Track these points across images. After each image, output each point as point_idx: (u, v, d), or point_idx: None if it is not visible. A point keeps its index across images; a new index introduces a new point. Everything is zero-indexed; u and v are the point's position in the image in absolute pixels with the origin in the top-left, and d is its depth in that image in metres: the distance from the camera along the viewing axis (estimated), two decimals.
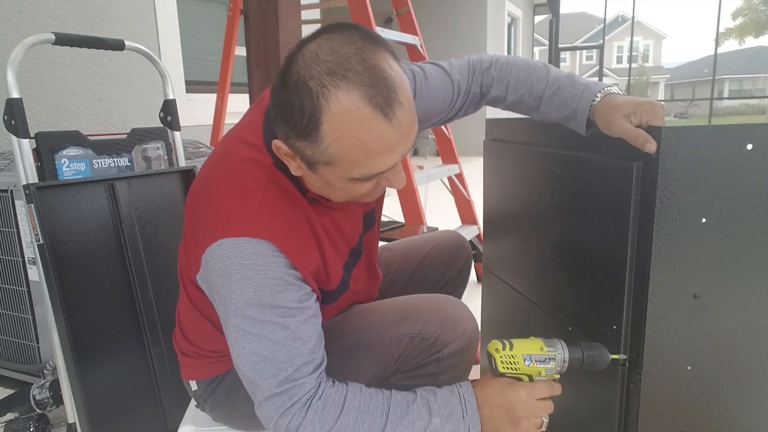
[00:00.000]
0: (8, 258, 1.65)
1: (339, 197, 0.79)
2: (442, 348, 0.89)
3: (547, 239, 1.16)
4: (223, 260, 0.74)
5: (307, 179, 0.79)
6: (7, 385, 1.76)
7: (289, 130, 0.69)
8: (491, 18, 9.39)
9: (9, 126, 1.23)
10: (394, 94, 0.67)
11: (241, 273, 0.74)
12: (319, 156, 0.69)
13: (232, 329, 0.76)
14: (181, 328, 0.98)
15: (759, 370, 0.96)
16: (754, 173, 0.86)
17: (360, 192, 0.76)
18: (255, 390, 0.77)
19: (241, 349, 0.75)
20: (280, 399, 0.75)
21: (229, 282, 0.74)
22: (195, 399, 1.00)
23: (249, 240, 0.74)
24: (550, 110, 0.98)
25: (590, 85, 0.93)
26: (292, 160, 0.74)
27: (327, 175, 0.73)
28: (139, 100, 3.18)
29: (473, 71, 1.02)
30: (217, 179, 0.80)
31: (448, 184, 2.89)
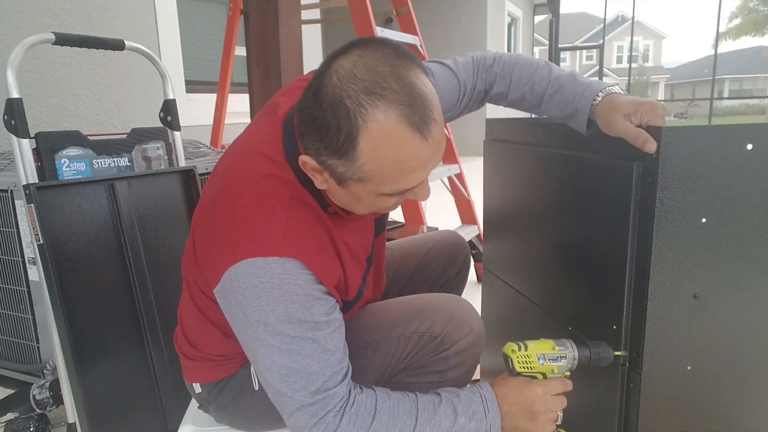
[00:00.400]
0: (8, 258, 1.65)
1: (363, 210, 0.80)
2: (449, 346, 0.90)
3: (547, 239, 1.16)
4: (251, 279, 0.74)
5: (332, 193, 0.79)
6: (7, 385, 1.76)
7: (322, 147, 0.69)
8: (491, 18, 9.39)
9: (9, 126, 1.23)
10: (429, 112, 0.68)
11: (271, 292, 0.74)
12: (352, 174, 0.70)
13: (261, 345, 0.76)
14: (184, 331, 0.98)
15: (759, 370, 0.96)
16: (754, 173, 0.86)
17: (386, 205, 0.78)
18: (285, 402, 0.78)
19: (270, 363, 0.76)
20: (312, 409, 0.76)
21: (258, 300, 0.74)
22: (198, 401, 1.00)
23: (277, 260, 0.73)
24: (552, 108, 0.98)
25: (592, 85, 0.93)
26: (318, 174, 0.74)
27: (357, 190, 0.74)
28: (139, 100, 3.18)
29: (477, 68, 1.03)
30: (240, 194, 0.78)
31: (448, 184, 2.89)
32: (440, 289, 1.25)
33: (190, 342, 0.96)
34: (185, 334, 0.97)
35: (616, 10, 37.65)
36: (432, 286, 1.24)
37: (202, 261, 0.84)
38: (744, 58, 31.57)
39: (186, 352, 0.98)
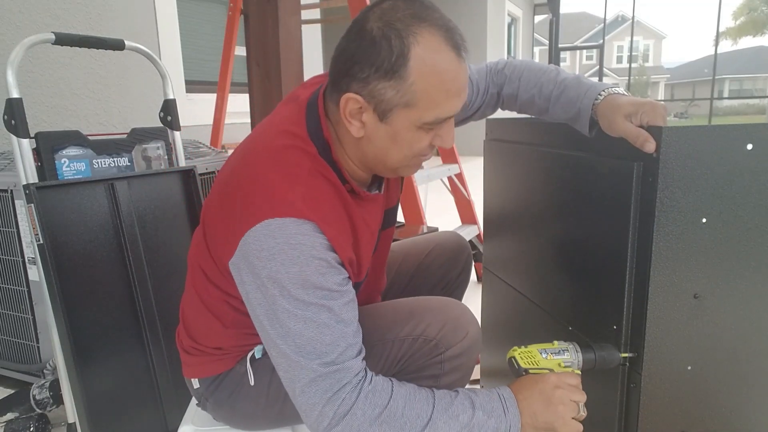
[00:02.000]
0: (8, 258, 1.65)
1: (397, 156, 0.81)
2: (444, 350, 0.89)
3: (548, 239, 1.16)
4: (267, 240, 0.74)
5: (369, 140, 0.80)
6: (7, 385, 1.76)
7: (372, 72, 0.73)
8: (491, 18, 9.39)
9: (9, 126, 1.23)
10: (463, 38, 0.76)
11: (287, 252, 0.74)
12: (400, 97, 0.74)
13: (277, 311, 0.75)
14: (185, 324, 0.98)
15: (759, 370, 0.96)
16: (754, 173, 0.86)
17: (420, 146, 0.80)
18: (297, 374, 0.75)
19: (285, 331, 0.75)
20: (327, 382, 0.74)
21: (273, 262, 0.74)
22: (197, 398, 1.00)
23: (294, 220, 0.74)
24: (558, 111, 1.01)
25: (594, 86, 0.95)
26: (357, 116, 0.77)
27: (399, 122, 0.76)
28: (139, 100, 3.18)
29: (489, 71, 1.08)
30: (262, 162, 0.80)
31: (448, 184, 2.89)
32: (441, 291, 1.25)
33: (190, 335, 0.97)
34: (185, 327, 0.98)
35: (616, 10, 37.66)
36: (432, 288, 1.24)
37: (216, 237, 0.84)
38: (744, 58, 31.56)
39: (185, 347, 0.98)
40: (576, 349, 0.87)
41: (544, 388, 0.81)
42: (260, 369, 0.93)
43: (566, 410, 0.80)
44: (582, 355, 0.87)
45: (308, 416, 0.76)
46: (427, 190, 3.58)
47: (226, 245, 0.80)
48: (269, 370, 0.92)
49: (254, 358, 0.93)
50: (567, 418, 0.80)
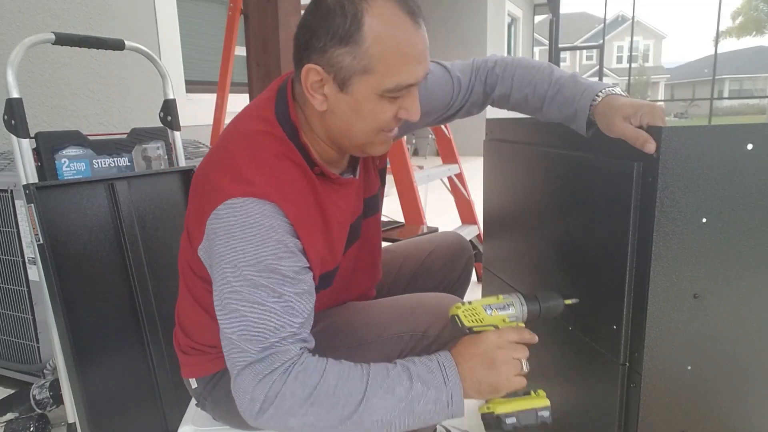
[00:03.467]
0: (8, 258, 1.65)
1: (363, 129, 0.80)
2: (442, 347, 0.89)
3: (547, 239, 1.16)
4: (228, 219, 0.74)
5: (332, 113, 0.79)
6: (7, 385, 1.76)
7: (328, 39, 0.73)
8: (491, 18, 9.39)
9: (9, 126, 1.23)
10: (418, 7, 0.76)
11: (244, 231, 0.73)
12: (358, 62, 0.73)
13: (227, 292, 0.74)
14: (180, 324, 0.98)
15: (759, 370, 0.96)
16: (754, 173, 0.86)
17: (385, 118, 0.78)
18: (238, 358, 0.74)
19: (232, 313, 0.74)
20: (259, 366, 0.72)
21: (231, 240, 0.74)
22: (195, 398, 1.00)
23: (256, 201, 0.74)
24: (553, 110, 0.99)
25: (592, 86, 0.93)
26: (319, 90, 0.77)
27: (360, 90, 0.75)
28: (139, 100, 3.18)
29: (477, 70, 1.05)
30: (232, 148, 0.81)
31: (448, 184, 2.89)
32: (443, 291, 1.24)
33: (186, 334, 0.97)
34: (181, 327, 0.98)
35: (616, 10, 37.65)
36: (434, 288, 1.23)
37: (191, 227, 0.85)
38: (744, 58, 31.56)
39: (182, 347, 0.98)
40: (521, 302, 0.84)
41: (486, 350, 0.78)
42: None
43: (509, 369, 0.79)
44: (527, 308, 0.84)
45: (241, 403, 0.74)
46: (427, 190, 3.58)
47: (198, 228, 0.81)
48: None
49: None
50: (510, 376, 0.79)
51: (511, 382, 0.79)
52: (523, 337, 0.82)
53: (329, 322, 0.94)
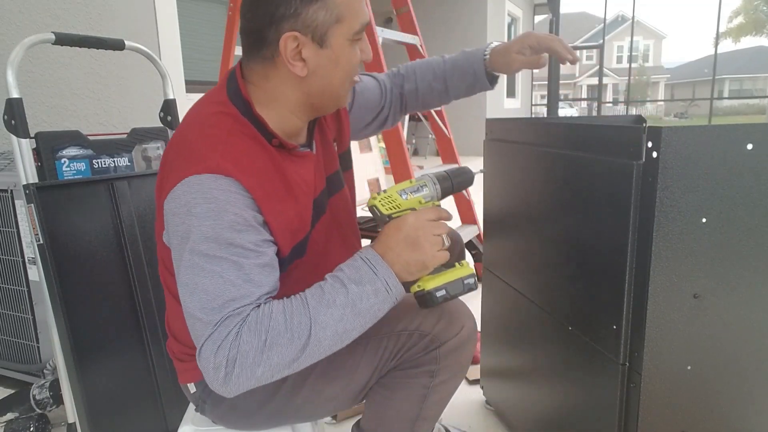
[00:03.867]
0: (8, 258, 1.65)
1: (342, 78, 0.85)
2: (439, 345, 0.90)
3: (547, 239, 1.16)
4: (185, 197, 0.75)
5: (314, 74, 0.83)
6: (7, 385, 1.76)
7: (298, 3, 0.78)
8: (491, 18, 9.38)
9: (9, 126, 1.23)
10: None
11: (202, 206, 0.74)
12: (330, 14, 0.79)
13: (187, 267, 0.75)
14: (171, 333, 0.99)
15: (759, 370, 0.96)
16: (754, 173, 0.86)
17: (355, 62, 0.85)
18: (201, 332, 0.74)
19: (193, 287, 0.74)
20: (216, 334, 0.73)
21: (189, 216, 0.74)
22: (194, 402, 1.00)
23: (212, 176, 0.75)
24: (457, 84, 1.13)
25: (478, 49, 1.13)
26: (298, 56, 0.81)
27: (336, 40, 0.82)
28: (139, 100, 3.18)
29: (389, 76, 1.19)
30: (187, 132, 0.83)
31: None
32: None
33: (177, 339, 0.97)
34: (173, 334, 0.98)
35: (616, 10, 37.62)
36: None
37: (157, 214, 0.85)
38: (744, 58, 31.56)
39: (177, 354, 0.98)
40: (433, 181, 0.87)
41: (408, 233, 0.81)
42: None
43: (432, 246, 0.81)
44: (440, 186, 0.87)
45: (207, 375, 0.74)
46: None
47: (160, 217, 0.81)
48: None
49: None
50: (434, 252, 0.81)
51: (436, 258, 0.82)
52: (440, 215, 0.85)
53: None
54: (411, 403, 0.92)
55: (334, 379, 0.92)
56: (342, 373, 0.92)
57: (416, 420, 0.94)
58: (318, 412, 0.97)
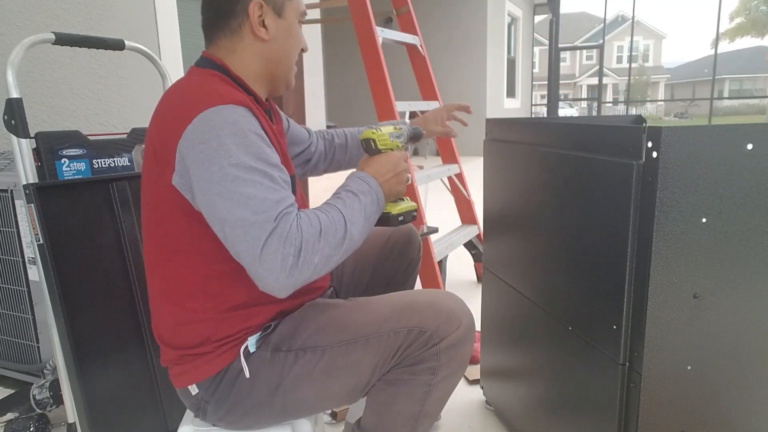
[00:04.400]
0: (8, 258, 1.65)
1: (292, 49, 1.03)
2: (438, 341, 0.91)
3: (547, 239, 1.16)
4: (208, 125, 0.82)
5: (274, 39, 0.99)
6: (7, 385, 1.76)
7: None
8: (491, 18, 9.38)
9: (9, 126, 1.23)
10: None
11: (227, 129, 0.82)
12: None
13: (228, 182, 0.81)
14: (162, 340, 0.98)
15: (759, 370, 0.96)
16: (754, 173, 0.86)
17: (300, 42, 1.04)
18: (258, 233, 0.80)
19: (239, 197, 0.81)
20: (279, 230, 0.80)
21: (219, 138, 0.82)
22: (194, 405, 0.99)
23: (226, 106, 0.85)
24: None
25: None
26: (261, 24, 0.96)
27: (289, 14, 1.00)
28: (139, 100, 3.18)
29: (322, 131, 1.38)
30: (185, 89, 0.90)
31: (448, 184, 2.89)
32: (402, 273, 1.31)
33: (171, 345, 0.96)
34: (164, 342, 0.98)
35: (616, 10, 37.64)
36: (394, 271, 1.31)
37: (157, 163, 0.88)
38: (744, 58, 31.56)
39: (174, 360, 0.97)
40: (407, 130, 1.13)
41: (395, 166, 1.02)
42: (256, 361, 0.94)
43: (403, 180, 1.04)
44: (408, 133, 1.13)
45: (273, 267, 0.80)
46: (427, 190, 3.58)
47: (167, 162, 0.86)
48: (265, 361, 0.93)
49: (248, 352, 0.94)
50: (404, 186, 1.05)
51: (403, 189, 1.05)
52: (407, 157, 1.09)
53: (329, 319, 0.96)
54: (413, 401, 0.94)
55: (336, 376, 0.93)
56: (344, 371, 0.93)
57: (418, 417, 0.95)
58: (319, 408, 0.98)
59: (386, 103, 2.31)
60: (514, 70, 11.66)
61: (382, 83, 2.32)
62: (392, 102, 2.30)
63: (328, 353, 0.93)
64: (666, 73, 37.32)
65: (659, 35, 38.34)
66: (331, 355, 0.92)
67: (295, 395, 0.94)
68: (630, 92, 24.78)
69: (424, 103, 2.67)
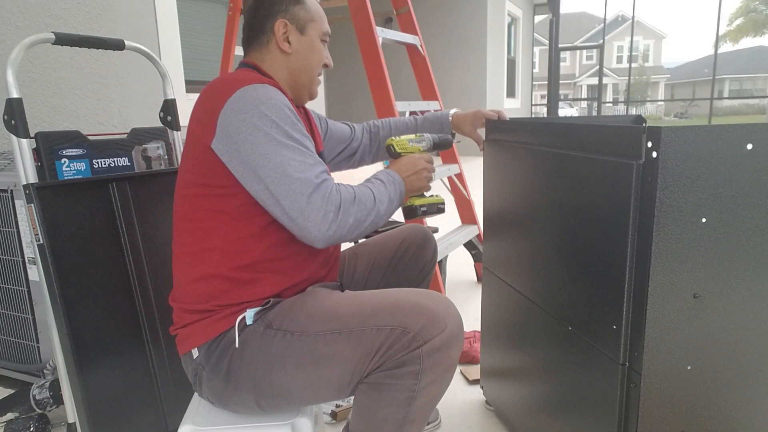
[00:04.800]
0: (8, 258, 1.65)
1: (315, 62, 1.16)
2: (422, 344, 0.90)
3: (547, 239, 1.16)
4: (248, 98, 0.95)
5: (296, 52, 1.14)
6: (7, 385, 1.76)
7: (288, 3, 1.12)
8: (491, 18, 9.38)
9: (9, 126, 1.23)
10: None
11: (266, 102, 0.95)
12: (307, 14, 1.14)
13: (274, 143, 0.94)
14: (175, 299, 1.04)
15: (759, 370, 0.96)
16: (754, 173, 0.86)
17: (322, 57, 1.18)
18: (301, 189, 0.93)
19: (282, 158, 0.93)
20: (322, 189, 0.94)
21: (259, 109, 0.94)
22: (193, 372, 1.01)
23: (261, 85, 0.98)
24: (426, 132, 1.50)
25: (442, 113, 1.52)
26: (286, 39, 1.12)
27: (311, 32, 1.15)
28: (139, 100, 3.18)
29: (367, 124, 1.52)
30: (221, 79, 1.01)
31: (448, 184, 2.89)
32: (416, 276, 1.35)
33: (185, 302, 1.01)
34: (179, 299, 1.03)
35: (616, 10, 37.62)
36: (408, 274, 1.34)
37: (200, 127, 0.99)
38: (744, 58, 31.55)
39: (185, 321, 1.01)
40: (430, 138, 1.30)
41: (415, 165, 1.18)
42: (249, 335, 0.97)
43: (425, 177, 1.19)
44: (432, 141, 1.30)
45: (316, 219, 0.93)
46: None
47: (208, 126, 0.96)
48: (257, 336, 0.96)
49: (244, 324, 0.97)
50: (426, 183, 1.20)
51: (426, 186, 1.21)
52: (431, 161, 1.23)
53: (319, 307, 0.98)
54: (397, 407, 0.92)
55: (318, 365, 0.94)
56: (326, 360, 0.94)
57: (403, 423, 0.94)
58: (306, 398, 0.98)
59: (386, 103, 2.31)
60: (514, 70, 11.66)
61: (382, 83, 2.32)
62: (392, 102, 2.30)
63: (312, 340, 0.94)
64: (666, 73, 37.31)
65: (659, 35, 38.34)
66: (314, 342, 0.94)
67: (282, 378, 0.95)
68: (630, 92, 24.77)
69: (424, 103, 2.67)
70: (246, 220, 0.98)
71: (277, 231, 1.00)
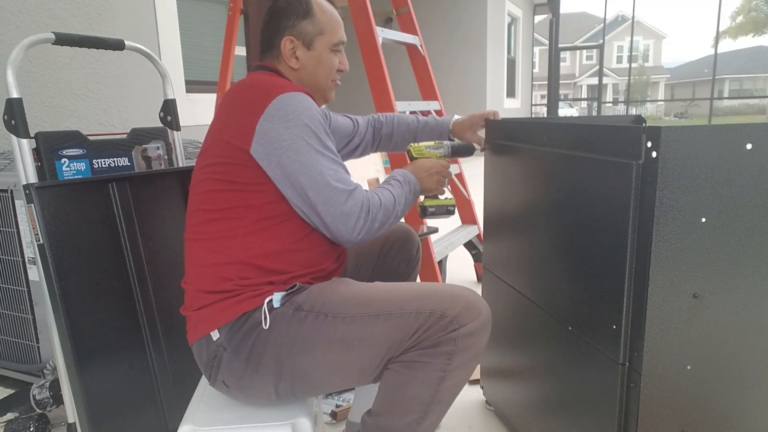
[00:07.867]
0: (8, 258, 1.65)
1: (324, 74, 1.20)
2: (458, 327, 0.93)
3: (547, 239, 1.16)
4: (289, 106, 1.00)
5: (304, 68, 1.17)
6: (7, 385, 1.76)
7: (295, 18, 1.15)
8: (491, 18, 9.38)
9: (9, 126, 1.23)
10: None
11: (304, 112, 1.01)
12: (315, 27, 1.16)
13: (311, 153, 1.00)
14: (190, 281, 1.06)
15: (759, 369, 0.96)
16: (754, 173, 0.86)
17: (334, 65, 1.20)
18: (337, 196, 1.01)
19: (321, 167, 1.00)
20: (356, 196, 1.03)
21: (301, 118, 1.00)
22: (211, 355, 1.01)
23: (297, 93, 1.03)
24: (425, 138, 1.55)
25: (444, 119, 1.55)
26: (293, 55, 1.16)
27: (320, 46, 1.17)
28: (139, 100, 3.18)
29: (371, 119, 1.56)
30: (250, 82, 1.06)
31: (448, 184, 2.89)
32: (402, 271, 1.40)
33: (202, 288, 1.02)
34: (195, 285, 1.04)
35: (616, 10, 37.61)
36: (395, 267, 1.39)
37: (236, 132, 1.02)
38: (744, 58, 31.55)
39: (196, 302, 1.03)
40: (448, 146, 1.34)
41: (430, 168, 1.25)
42: (277, 317, 0.98)
43: (438, 180, 1.26)
44: (450, 150, 1.34)
45: (349, 224, 1.02)
46: None
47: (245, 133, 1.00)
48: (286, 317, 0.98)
49: (272, 306, 0.99)
50: (440, 186, 1.27)
51: (439, 190, 1.28)
52: (447, 167, 1.29)
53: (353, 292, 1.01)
54: (428, 385, 0.95)
55: (352, 346, 0.96)
56: (361, 342, 0.95)
57: (431, 403, 0.96)
58: (326, 382, 1.00)
59: (386, 103, 2.31)
60: (514, 70, 11.66)
61: (382, 83, 2.32)
62: (392, 102, 2.30)
63: (348, 322, 0.96)
64: (666, 73, 37.30)
65: (659, 35, 38.33)
66: (351, 324, 0.96)
67: (308, 360, 0.97)
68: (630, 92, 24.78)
69: (424, 103, 2.67)
70: (272, 213, 1.03)
71: (300, 224, 1.05)
